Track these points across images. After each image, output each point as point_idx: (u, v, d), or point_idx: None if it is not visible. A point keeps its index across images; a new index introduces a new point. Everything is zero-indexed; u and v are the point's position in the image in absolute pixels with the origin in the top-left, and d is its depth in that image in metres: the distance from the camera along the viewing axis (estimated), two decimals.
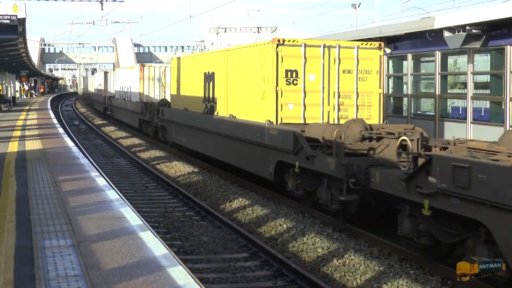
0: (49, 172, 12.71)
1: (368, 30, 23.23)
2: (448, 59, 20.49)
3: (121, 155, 25.38)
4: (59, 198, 9.86)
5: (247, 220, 13.85)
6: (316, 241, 11.54)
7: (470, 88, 18.42)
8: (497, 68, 17.82)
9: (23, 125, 26.76)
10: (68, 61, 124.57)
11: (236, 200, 15.59)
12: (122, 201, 9.72)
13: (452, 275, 9.12)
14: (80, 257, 6.54)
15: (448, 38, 17.85)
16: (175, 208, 14.92)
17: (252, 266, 10.34)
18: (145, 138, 30.32)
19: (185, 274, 5.97)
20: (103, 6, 37.57)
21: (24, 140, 19.62)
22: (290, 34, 61.76)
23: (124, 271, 6.05)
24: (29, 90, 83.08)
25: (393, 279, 9.41)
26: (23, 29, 30.19)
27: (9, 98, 52.24)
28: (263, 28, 62.02)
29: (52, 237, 7.37)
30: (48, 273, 6.02)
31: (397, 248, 10.77)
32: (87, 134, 35.48)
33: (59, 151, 16.78)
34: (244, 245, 11.53)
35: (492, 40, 17.21)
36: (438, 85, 19.63)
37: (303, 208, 13.96)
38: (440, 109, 19.68)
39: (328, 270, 10.20)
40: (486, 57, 19.36)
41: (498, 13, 16.23)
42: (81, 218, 8.37)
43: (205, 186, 17.75)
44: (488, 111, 19.00)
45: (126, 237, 7.33)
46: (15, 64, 56.96)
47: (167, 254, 6.65)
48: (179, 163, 21.78)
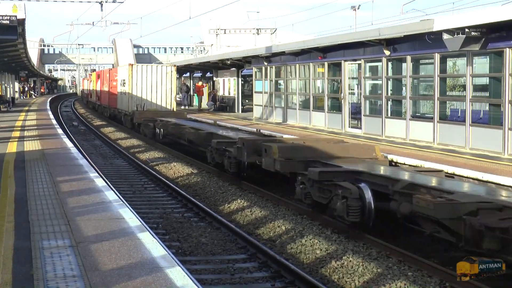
0: (48, 172, 12.71)
1: (368, 32, 23.27)
2: (447, 62, 20.51)
3: (120, 156, 25.38)
4: (58, 198, 9.86)
5: (246, 221, 13.86)
6: (314, 242, 11.55)
7: (469, 90, 18.44)
8: (496, 71, 17.84)
9: (22, 126, 26.76)
10: (68, 62, 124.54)
11: (235, 201, 15.60)
12: (121, 202, 9.73)
13: (451, 277, 9.13)
14: (79, 257, 6.54)
15: (447, 40, 17.88)
16: (173, 209, 14.92)
17: (250, 268, 10.35)
18: (144, 139, 30.34)
19: (184, 275, 5.98)
20: (103, 7, 37.60)
21: (23, 141, 19.62)
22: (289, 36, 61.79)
23: (122, 272, 6.05)
24: (28, 90, 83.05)
25: (391, 281, 9.41)
26: (23, 30, 30.17)
27: (8, 98, 52.21)
28: (262, 29, 62.05)
29: (50, 238, 7.38)
30: (46, 273, 6.03)
31: (396, 250, 10.78)
32: (86, 135, 35.48)
33: (58, 152, 16.78)
34: (243, 247, 11.54)
35: (491, 43, 17.23)
36: (437, 88, 19.65)
37: (302, 209, 13.99)
38: (439, 112, 19.70)
39: (327, 271, 10.21)
40: (485, 60, 19.38)
41: (497, 15, 16.26)
42: (80, 219, 8.37)
43: (204, 187, 17.75)
44: (487, 113, 19.02)
45: (124, 238, 7.33)
46: (15, 65, 56.92)
47: (166, 255, 6.66)
48: (178, 164, 21.79)
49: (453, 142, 18.69)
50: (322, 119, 26.91)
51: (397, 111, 22.40)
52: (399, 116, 22.10)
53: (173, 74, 34.64)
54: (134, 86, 34.19)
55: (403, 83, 22.03)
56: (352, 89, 25.84)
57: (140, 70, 34.30)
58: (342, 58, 25.30)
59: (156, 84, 34.13)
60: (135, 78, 34.04)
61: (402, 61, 21.86)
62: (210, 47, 79.84)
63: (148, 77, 34.08)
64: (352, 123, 25.15)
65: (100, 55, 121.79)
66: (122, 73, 36.77)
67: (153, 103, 34.29)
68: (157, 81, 34.15)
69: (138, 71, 34.19)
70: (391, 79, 22.73)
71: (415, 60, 21.38)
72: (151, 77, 34.09)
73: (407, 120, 21.06)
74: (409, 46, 20.94)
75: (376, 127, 22.66)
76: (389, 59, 22.26)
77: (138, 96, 34.27)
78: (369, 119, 23.45)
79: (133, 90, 34.23)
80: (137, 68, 34.45)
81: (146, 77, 34.04)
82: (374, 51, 22.80)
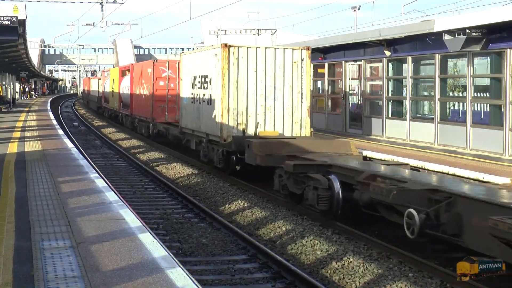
0: (49, 173, 12.71)
1: (368, 33, 23.27)
2: (448, 62, 20.51)
3: (120, 156, 25.37)
4: (59, 199, 9.86)
5: (246, 222, 13.86)
6: (315, 243, 11.54)
7: (469, 91, 18.44)
8: (496, 71, 17.84)
9: (23, 126, 26.77)
10: (68, 62, 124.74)
11: (235, 202, 15.60)
12: (121, 202, 9.73)
13: (451, 278, 9.13)
14: (79, 258, 6.54)
15: (448, 41, 17.88)
16: (174, 210, 14.92)
17: (251, 268, 10.34)
18: (145, 140, 30.31)
19: (184, 276, 5.98)
20: (103, 8, 37.56)
21: (24, 141, 19.63)
22: (290, 37, 61.83)
23: (123, 273, 6.05)
24: (29, 91, 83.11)
25: (392, 282, 9.41)
26: (23, 30, 30.23)
27: (9, 99, 52.25)
28: (263, 30, 62.06)
29: (51, 238, 7.38)
30: (47, 274, 6.03)
31: (396, 250, 10.77)
32: (86, 135, 35.48)
33: (59, 152, 16.79)
34: (243, 247, 11.53)
35: (492, 43, 17.24)
36: (437, 88, 19.65)
37: (303, 210, 13.99)
38: (440, 112, 19.70)
39: (327, 272, 10.20)
40: (486, 60, 19.38)
41: (498, 16, 16.26)
42: (80, 220, 8.37)
43: (204, 188, 17.74)
44: (487, 114, 19.02)
45: (125, 239, 7.33)
46: (15, 65, 56.99)
47: (166, 255, 6.65)
48: (178, 165, 21.78)
49: (453, 143, 18.69)
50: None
51: (398, 111, 22.41)
52: (399, 116, 22.10)
53: (306, 64, 18.14)
54: (232, 87, 17.72)
55: (403, 83, 22.04)
56: (353, 90, 25.88)
57: (244, 57, 17.86)
58: (343, 59, 25.31)
59: (274, 83, 17.99)
60: (233, 72, 17.72)
61: (402, 61, 21.87)
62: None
63: (259, 70, 17.88)
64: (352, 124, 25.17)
65: (100, 55, 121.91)
66: (200, 63, 19.93)
67: (267, 121, 18.08)
68: (276, 77, 17.99)
69: (240, 58, 17.81)
70: (391, 79, 22.73)
71: (415, 61, 21.39)
72: (264, 69, 17.90)
73: (408, 121, 21.06)
74: (409, 47, 20.95)
75: (377, 128, 22.67)
76: (390, 60, 22.27)
77: (241, 108, 17.84)
78: (369, 120, 23.46)
79: (231, 96, 17.73)
80: (238, 52, 17.81)
81: (255, 69, 17.84)
82: (375, 52, 22.80)
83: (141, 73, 31.31)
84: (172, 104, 27.30)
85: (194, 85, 20.22)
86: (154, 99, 28.05)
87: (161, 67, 28.23)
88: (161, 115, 27.55)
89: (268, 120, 17.91)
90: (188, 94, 21.08)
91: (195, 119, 20.33)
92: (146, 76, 29.74)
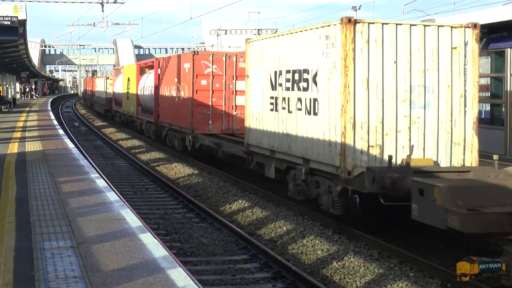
0: (49, 173, 12.72)
1: None
2: None
3: (121, 156, 25.38)
4: (59, 199, 9.87)
5: (247, 222, 13.86)
6: (315, 243, 11.54)
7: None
8: (497, 71, 17.82)
9: (23, 127, 26.78)
10: (69, 62, 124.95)
11: (236, 202, 15.60)
12: (122, 202, 9.73)
13: (452, 277, 9.13)
14: (80, 258, 6.54)
15: None
16: (174, 210, 14.92)
17: (251, 268, 10.34)
18: (146, 140, 30.32)
19: (185, 276, 5.98)
20: (104, 8, 37.53)
21: (24, 142, 19.64)
22: None
23: (123, 273, 6.05)
24: (29, 91, 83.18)
25: (392, 282, 9.41)
26: (24, 31, 30.27)
27: (9, 99, 52.28)
28: (263, 30, 62.07)
29: (51, 239, 7.38)
30: (47, 274, 6.03)
31: (397, 250, 10.77)
32: (87, 135, 35.49)
33: (59, 153, 16.79)
34: (244, 247, 11.54)
35: (493, 43, 17.22)
36: None
37: (303, 210, 13.97)
38: None
39: (328, 272, 10.20)
40: (487, 60, 19.37)
41: (498, 16, 16.26)
42: (81, 220, 8.37)
43: (205, 188, 17.75)
44: (488, 113, 19.01)
45: (125, 239, 7.33)
46: (16, 66, 57.02)
47: (167, 255, 6.65)
48: (179, 165, 21.77)
49: None
50: None
51: None
52: None
53: (472, 51, 12.02)
54: (360, 88, 11.39)
55: None
56: None
57: (378, 39, 11.46)
58: None
59: (424, 82, 11.75)
60: (361, 64, 11.41)
61: None
62: (211, 48, 79.87)
63: (401, 60, 11.58)
64: None
65: (101, 55, 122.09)
66: (290, 52, 13.67)
67: (414, 141, 11.70)
68: (426, 72, 11.74)
69: (370, 42, 11.44)
70: None
71: None
72: (408, 59, 11.63)
73: None
74: None
75: None
76: None
77: (374, 120, 11.54)
78: None
79: (358, 102, 11.43)
80: (368, 32, 11.41)
81: (395, 59, 11.54)
82: None
83: (173, 69, 24.44)
84: (217, 110, 21.67)
85: (278, 84, 14.26)
86: (194, 104, 21.62)
87: (203, 61, 21.64)
88: (203, 124, 21.63)
89: (415, 140, 11.70)
90: (263, 98, 15.15)
91: (278, 135, 14.30)
92: (182, 73, 22.94)
